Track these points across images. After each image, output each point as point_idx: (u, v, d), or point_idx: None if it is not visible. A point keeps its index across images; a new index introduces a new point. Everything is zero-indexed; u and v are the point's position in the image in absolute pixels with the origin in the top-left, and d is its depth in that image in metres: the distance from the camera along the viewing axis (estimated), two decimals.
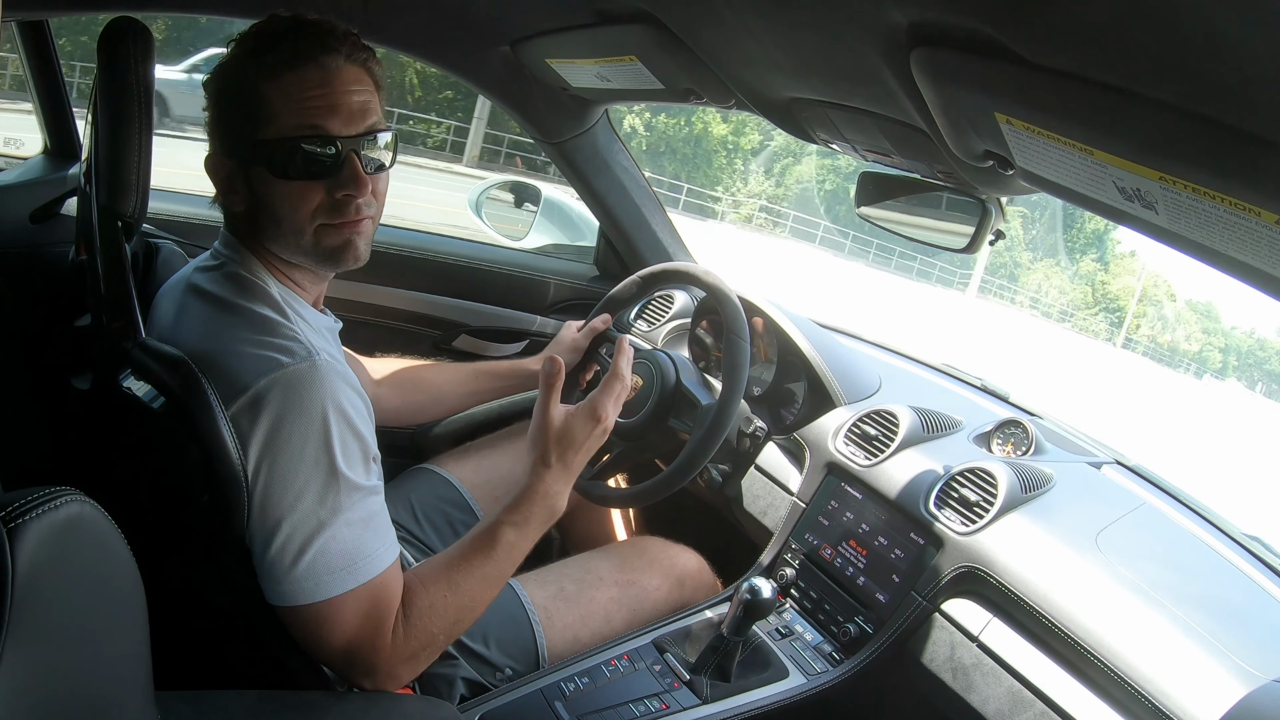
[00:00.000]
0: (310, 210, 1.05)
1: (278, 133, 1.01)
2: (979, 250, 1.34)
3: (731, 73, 1.34)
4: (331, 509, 0.98)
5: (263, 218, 1.07)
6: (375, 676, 1.06)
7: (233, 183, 1.06)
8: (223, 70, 1.04)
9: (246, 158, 1.04)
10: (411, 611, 1.06)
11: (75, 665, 0.59)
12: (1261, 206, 0.66)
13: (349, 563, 0.99)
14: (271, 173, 1.03)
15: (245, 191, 1.06)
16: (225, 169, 1.06)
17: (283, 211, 1.05)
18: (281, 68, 1.00)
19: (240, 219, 1.10)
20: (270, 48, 1.00)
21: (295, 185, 1.03)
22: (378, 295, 2.06)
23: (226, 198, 1.08)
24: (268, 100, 1.01)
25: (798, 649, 1.47)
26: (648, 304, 2.14)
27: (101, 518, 0.62)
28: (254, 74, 1.01)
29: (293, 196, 1.04)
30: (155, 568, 0.77)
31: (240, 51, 1.03)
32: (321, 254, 1.08)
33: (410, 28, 1.70)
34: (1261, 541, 1.48)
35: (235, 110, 1.03)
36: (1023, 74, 0.76)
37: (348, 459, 0.99)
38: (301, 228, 1.06)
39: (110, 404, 1.10)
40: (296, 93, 1.01)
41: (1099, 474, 1.63)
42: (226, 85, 1.04)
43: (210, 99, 1.06)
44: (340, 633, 1.01)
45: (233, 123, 1.04)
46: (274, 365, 0.97)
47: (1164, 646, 1.14)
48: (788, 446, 1.72)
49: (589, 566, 1.53)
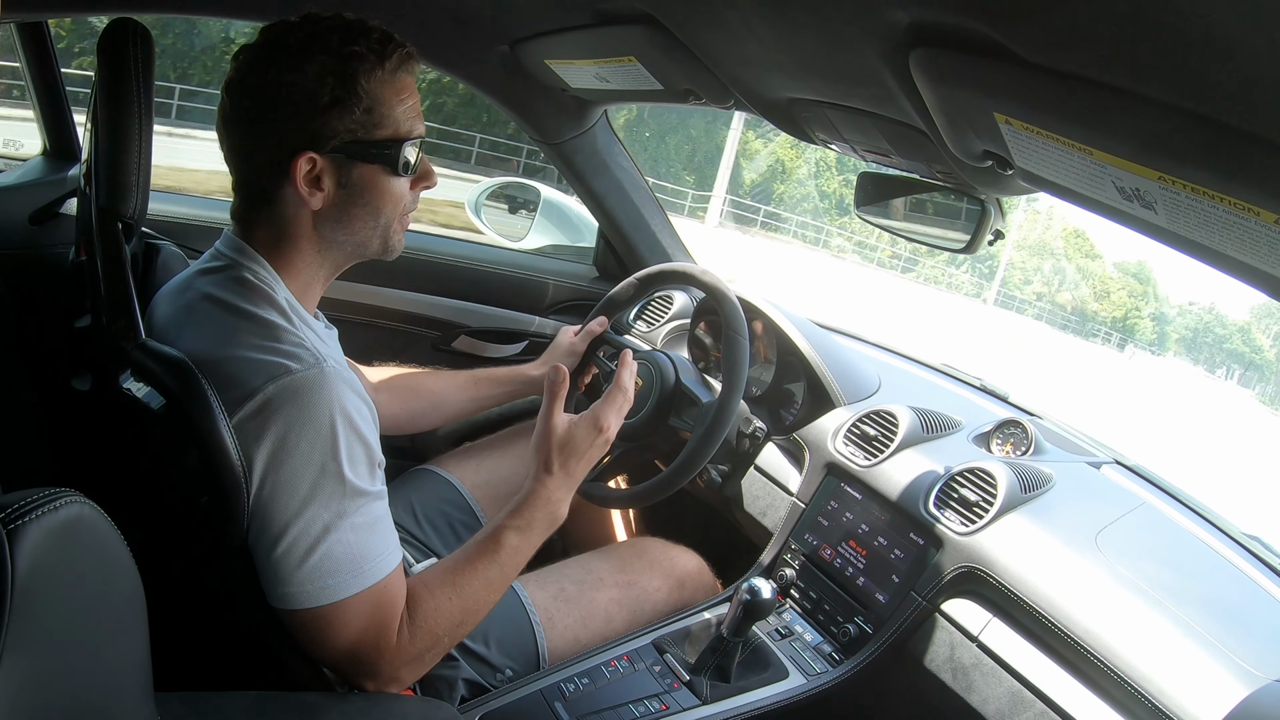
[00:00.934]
0: (402, 206, 1.12)
1: (395, 133, 1.06)
2: (978, 250, 1.34)
3: (730, 73, 1.34)
4: (337, 513, 0.98)
5: (352, 214, 1.09)
6: (379, 679, 1.06)
7: (321, 180, 1.05)
8: (310, 68, 1.01)
9: (357, 155, 1.05)
10: (417, 615, 1.07)
11: (75, 666, 0.59)
12: (1260, 206, 0.67)
13: (354, 567, 0.99)
14: (389, 171, 1.07)
15: (334, 188, 1.06)
16: (314, 165, 1.04)
17: (384, 207, 1.10)
18: (393, 72, 1.05)
19: (300, 218, 1.08)
20: (375, 50, 1.03)
21: (400, 182, 1.10)
22: (377, 296, 2.06)
23: (309, 195, 1.05)
24: (384, 101, 1.05)
25: (797, 649, 1.47)
26: (647, 305, 2.14)
27: (101, 519, 0.62)
28: (367, 74, 1.03)
29: (395, 193, 1.10)
30: (155, 569, 0.77)
31: (332, 48, 1.02)
32: (389, 247, 1.14)
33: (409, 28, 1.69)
34: (1261, 541, 1.48)
35: (345, 108, 1.03)
36: (1022, 74, 0.77)
37: (354, 465, 0.99)
38: (391, 222, 1.12)
39: (110, 405, 1.10)
40: (405, 96, 1.07)
41: (1098, 474, 1.63)
42: (326, 83, 1.02)
43: (286, 98, 1.03)
44: (345, 636, 1.01)
45: (338, 120, 1.03)
46: (282, 371, 0.97)
47: (1164, 646, 1.14)
48: (787, 447, 1.72)
49: (589, 567, 1.53)
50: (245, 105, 1.04)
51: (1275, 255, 0.73)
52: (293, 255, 1.10)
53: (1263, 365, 64.55)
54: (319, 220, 1.08)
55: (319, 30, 1.02)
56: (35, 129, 1.91)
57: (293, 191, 1.05)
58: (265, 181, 1.06)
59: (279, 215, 1.08)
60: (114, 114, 1.11)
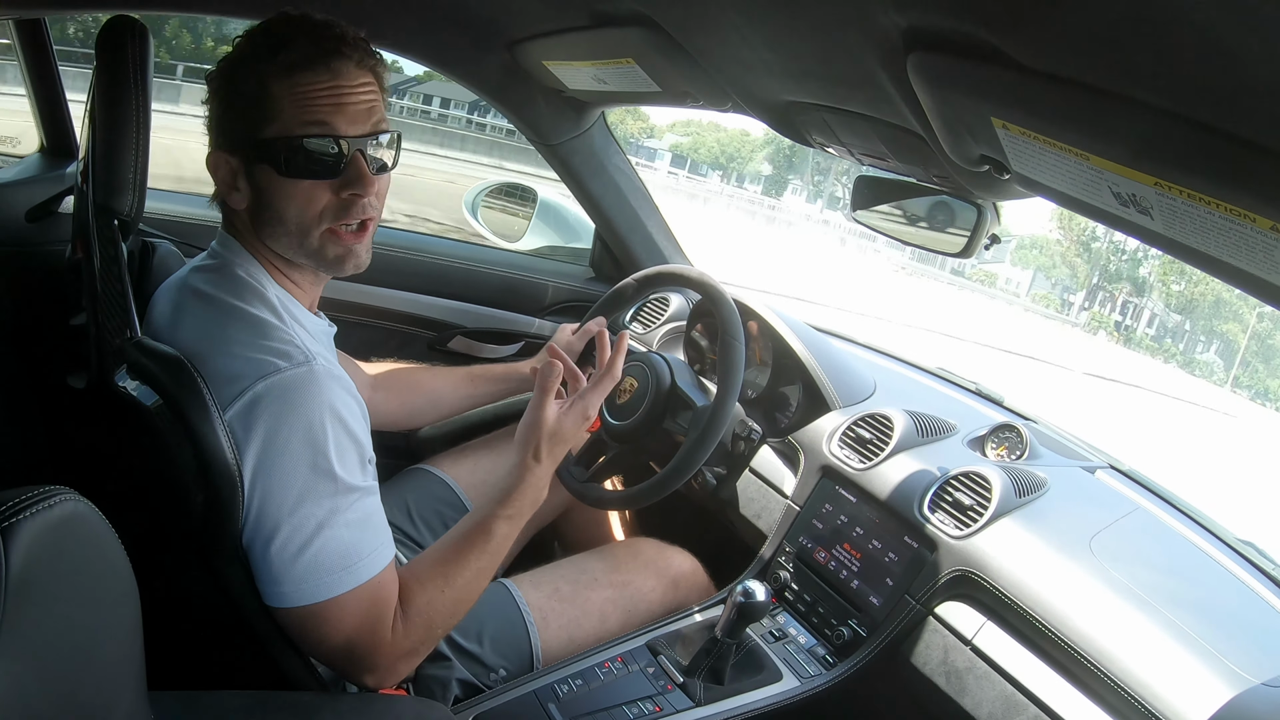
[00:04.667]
0: (317, 211, 1.05)
1: (284, 130, 1.01)
2: (974, 254, 1.34)
3: (728, 76, 1.34)
4: (330, 510, 0.98)
5: (265, 216, 1.07)
6: (376, 673, 1.06)
7: (235, 180, 1.06)
8: (230, 66, 1.04)
9: (251, 155, 1.04)
10: (410, 609, 1.07)
11: (69, 664, 0.59)
12: (1256, 212, 0.67)
13: (347, 563, 1.00)
14: (276, 170, 1.03)
15: (248, 189, 1.06)
16: (228, 166, 1.05)
17: (288, 211, 1.05)
18: (293, 67, 1.00)
19: (240, 217, 1.10)
20: (282, 46, 1.00)
21: (301, 185, 1.03)
22: (373, 296, 2.06)
23: (229, 195, 1.07)
24: (276, 99, 1.01)
25: (791, 652, 1.47)
26: (643, 306, 2.14)
27: (95, 517, 0.62)
28: (264, 72, 1.01)
29: (298, 196, 1.04)
30: (149, 567, 0.77)
31: (249, 48, 1.03)
32: (324, 260, 1.09)
33: (407, 29, 1.70)
34: (1255, 546, 1.49)
35: (241, 107, 1.02)
36: (1019, 79, 0.77)
37: (344, 462, 1.00)
38: (308, 229, 1.06)
39: (106, 403, 1.10)
40: (305, 92, 1.01)
41: (1093, 478, 1.64)
42: (233, 82, 1.03)
43: (214, 94, 1.06)
44: (340, 632, 1.02)
45: (237, 119, 1.03)
46: (271, 369, 0.97)
47: (1157, 651, 1.15)
48: (782, 450, 1.73)
49: (584, 568, 1.53)
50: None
51: (1270, 261, 0.73)
52: (265, 251, 1.11)
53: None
54: (253, 222, 1.09)
55: (261, 27, 1.04)
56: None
57: (220, 190, 1.08)
58: (215, 179, 1.09)
59: (231, 215, 1.11)
60: (111, 111, 1.11)
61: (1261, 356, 42.29)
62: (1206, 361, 43.29)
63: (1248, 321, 41.77)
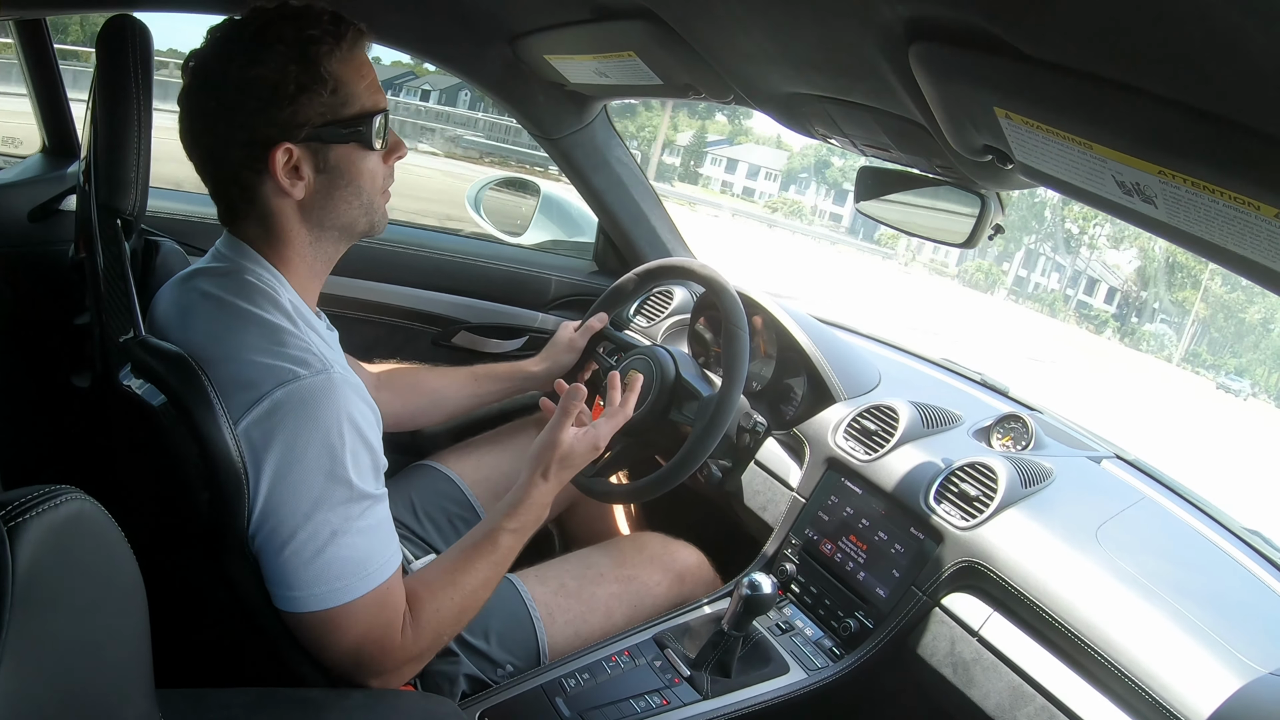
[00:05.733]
0: (382, 179, 1.12)
1: (363, 109, 1.06)
2: (978, 244, 1.34)
3: (730, 68, 1.33)
4: (344, 518, 0.99)
5: (338, 196, 1.09)
6: (384, 676, 1.08)
7: (300, 169, 1.05)
8: (271, 60, 1.00)
9: (330, 137, 1.05)
10: (420, 615, 1.08)
11: (76, 663, 0.59)
12: (1260, 200, 0.66)
13: (360, 569, 1.00)
14: (364, 147, 1.07)
15: (313, 175, 1.06)
16: (291, 155, 1.03)
17: (364, 184, 1.10)
18: (349, 49, 1.04)
19: (278, 215, 1.08)
20: (330, 32, 1.02)
21: (375, 157, 1.09)
22: (377, 292, 2.06)
23: (290, 187, 1.05)
24: (345, 81, 1.04)
25: (798, 644, 1.47)
26: (647, 300, 2.14)
27: (102, 516, 0.62)
28: (328, 56, 1.02)
29: (374, 169, 1.10)
30: (156, 565, 0.77)
31: (288, 38, 1.01)
32: (374, 223, 1.14)
33: (409, 24, 1.70)
34: (1261, 535, 1.48)
35: (312, 94, 1.02)
36: (1022, 69, 0.76)
37: (359, 470, 1.00)
38: (374, 197, 1.12)
39: (110, 402, 1.10)
40: (364, 72, 1.06)
41: (1099, 468, 1.63)
42: (289, 72, 1.01)
43: (257, 94, 1.01)
44: (350, 637, 1.02)
45: (308, 106, 1.02)
46: (290, 376, 0.97)
47: (1163, 641, 1.15)
48: (787, 442, 1.73)
49: (589, 562, 1.53)
50: (210, 107, 1.02)
51: (1275, 249, 0.73)
52: (287, 251, 1.10)
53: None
54: (304, 209, 1.08)
55: (269, 21, 1.01)
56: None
57: (273, 185, 1.04)
58: (243, 181, 1.05)
59: (264, 212, 1.07)
60: (113, 111, 1.11)
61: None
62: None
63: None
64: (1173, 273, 38.93)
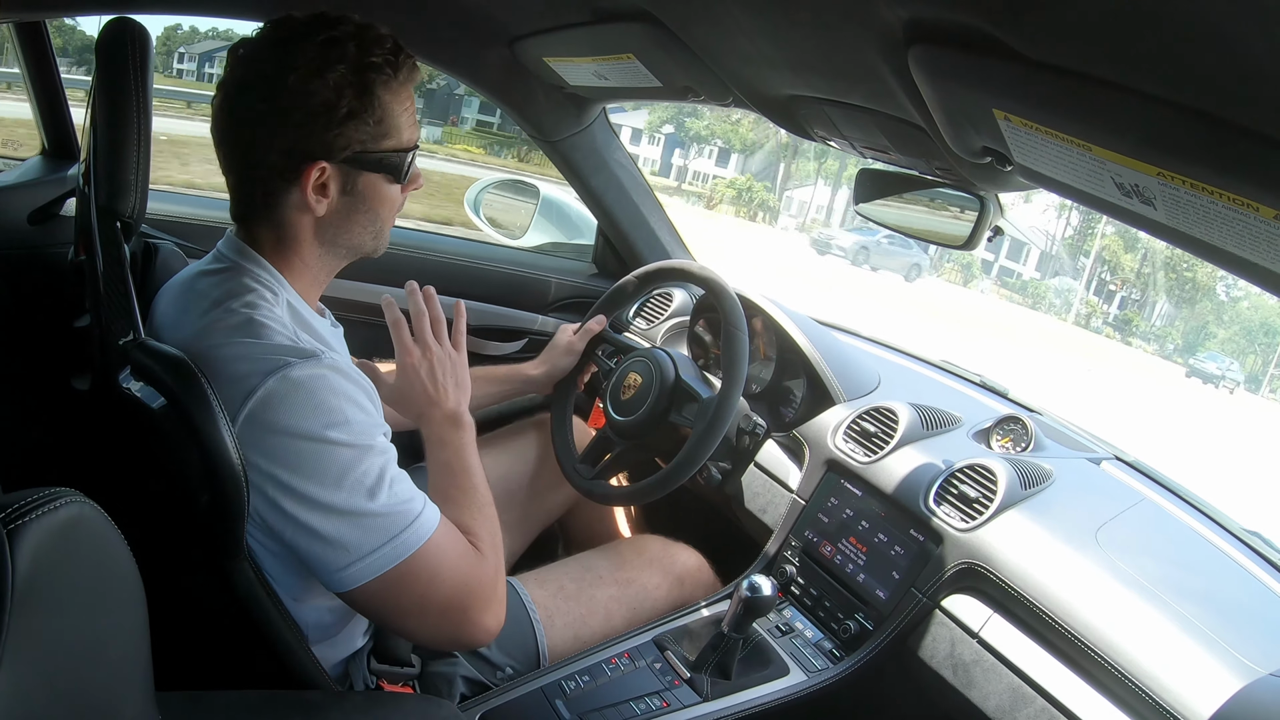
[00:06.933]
0: (397, 208, 1.15)
1: (400, 144, 1.08)
2: (977, 247, 1.34)
3: (729, 70, 1.34)
4: (377, 470, 0.99)
5: (355, 219, 1.10)
6: (493, 605, 1.09)
7: (327, 187, 1.05)
8: (331, 78, 1.00)
9: (364, 164, 1.06)
10: (472, 532, 1.11)
11: (76, 666, 0.59)
12: (1259, 201, 0.67)
13: (417, 509, 1.01)
14: (391, 180, 1.09)
15: (337, 195, 1.06)
16: (323, 172, 1.04)
17: (383, 213, 1.12)
18: (403, 83, 1.06)
19: (294, 225, 1.08)
20: (390, 62, 1.03)
21: (398, 188, 1.11)
22: (377, 294, 2.06)
23: (314, 202, 1.05)
24: (391, 112, 1.05)
25: (798, 646, 1.47)
26: (646, 302, 2.14)
27: (101, 519, 0.62)
28: (384, 86, 1.04)
29: (392, 198, 1.12)
30: (156, 568, 0.77)
31: (350, 59, 1.01)
32: (378, 246, 1.16)
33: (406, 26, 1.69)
34: (1261, 536, 1.48)
35: (360, 120, 1.03)
36: (1021, 71, 0.77)
37: (370, 435, 1.00)
38: (387, 224, 1.14)
39: (110, 405, 1.10)
40: (408, 105, 1.08)
41: (1098, 470, 1.63)
42: (345, 95, 1.01)
43: (314, 106, 1.01)
44: (442, 579, 1.03)
45: (353, 131, 1.03)
46: (280, 364, 0.96)
47: (1163, 642, 1.14)
48: (787, 444, 1.73)
49: (589, 565, 1.53)
50: (260, 109, 1.02)
51: (1274, 251, 0.73)
52: (294, 259, 1.10)
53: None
54: (320, 226, 1.09)
55: (336, 37, 1.01)
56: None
57: (298, 197, 1.05)
58: (270, 186, 1.05)
59: (280, 220, 1.08)
60: (112, 113, 1.11)
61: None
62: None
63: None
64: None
